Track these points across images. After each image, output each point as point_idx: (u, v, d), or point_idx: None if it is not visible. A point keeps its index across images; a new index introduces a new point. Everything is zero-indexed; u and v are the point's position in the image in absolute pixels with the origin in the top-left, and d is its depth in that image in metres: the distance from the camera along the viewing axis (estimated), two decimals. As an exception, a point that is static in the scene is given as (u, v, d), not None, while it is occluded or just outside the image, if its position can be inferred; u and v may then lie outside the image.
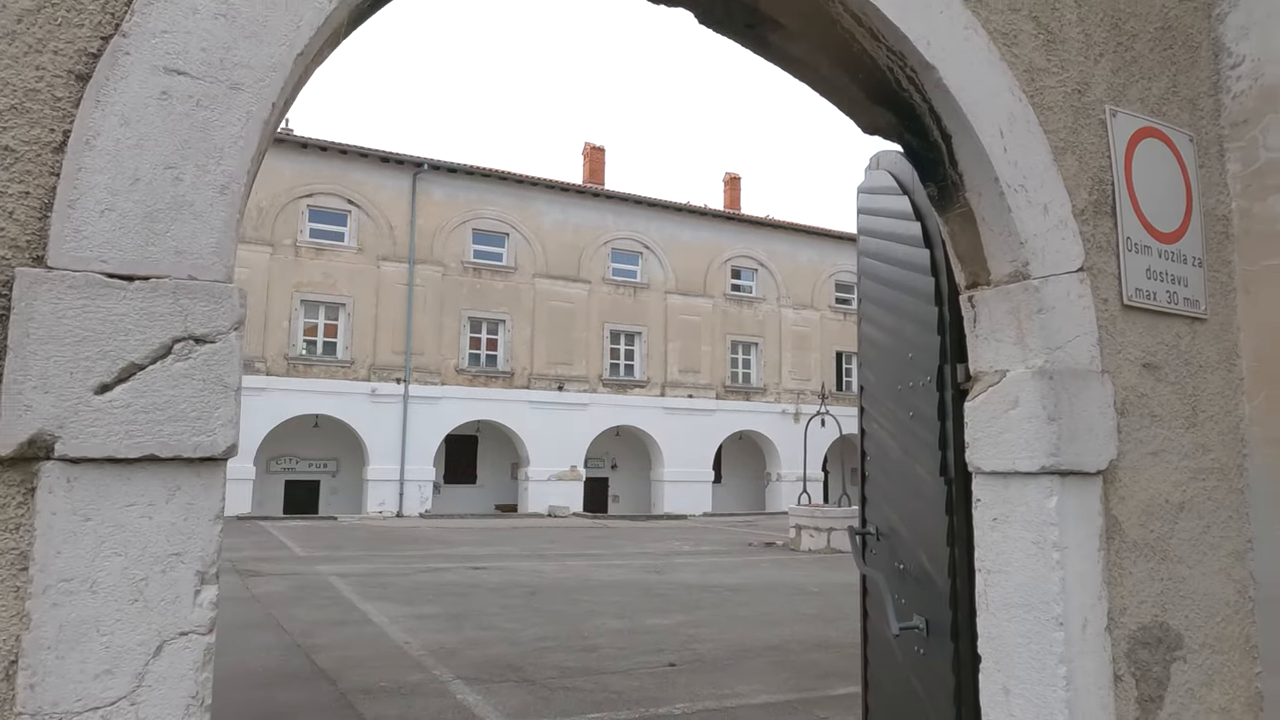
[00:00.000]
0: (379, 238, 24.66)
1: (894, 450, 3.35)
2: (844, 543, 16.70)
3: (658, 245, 28.93)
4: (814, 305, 31.86)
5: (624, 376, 28.06)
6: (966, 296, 2.64)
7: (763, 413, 30.26)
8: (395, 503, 24.06)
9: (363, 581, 11.11)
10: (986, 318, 2.57)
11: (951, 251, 2.67)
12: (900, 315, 3.30)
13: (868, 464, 3.76)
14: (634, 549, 17.00)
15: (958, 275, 2.69)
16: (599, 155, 30.79)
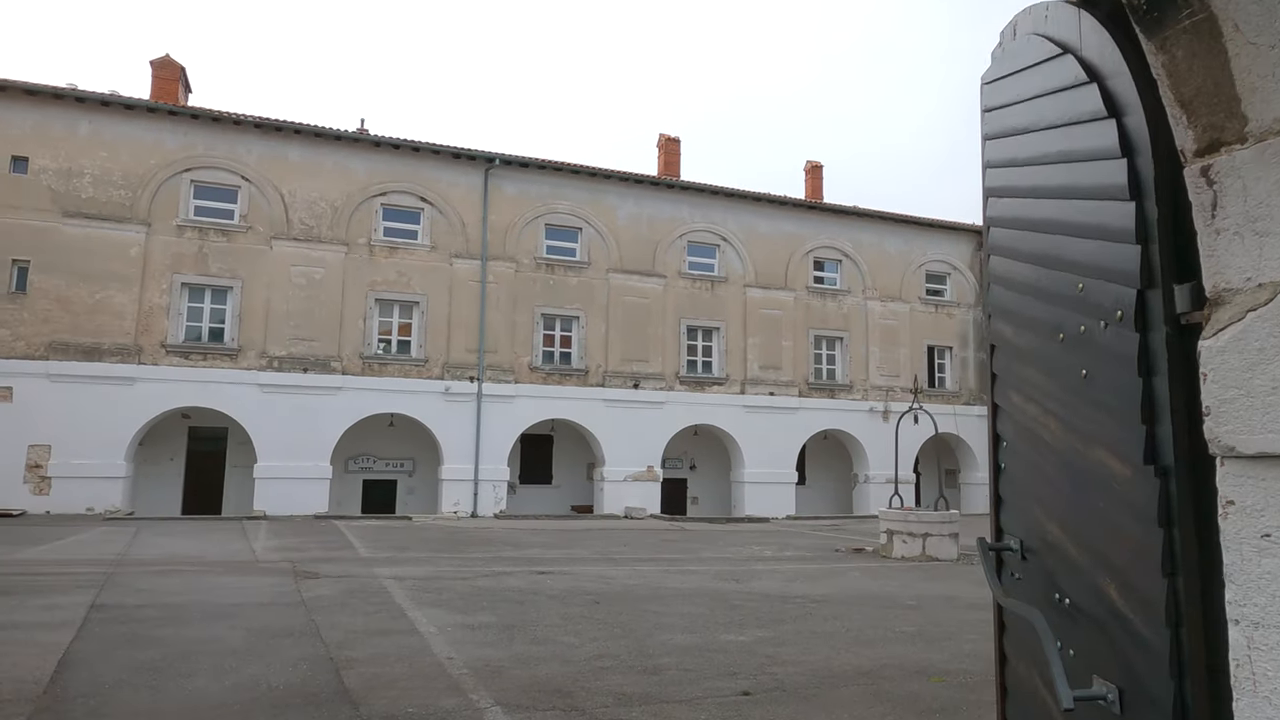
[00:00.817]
0: (452, 235, 24.40)
1: (1050, 430, 2.31)
2: (941, 550, 15.34)
3: (735, 237, 27.83)
4: (903, 297, 30.15)
5: (701, 374, 27.07)
6: (1198, 168, 1.62)
7: (849, 410, 28.76)
8: (470, 503, 23.72)
9: (419, 586, 10.50)
10: (1239, 197, 1.55)
11: (1171, 97, 1.65)
12: (1059, 233, 2.27)
13: (1004, 452, 2.73)
14: (711, 554, 16.01)
15: (1180, 138, 1.66)
16: (674, 147, 29.88)
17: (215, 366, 21.89)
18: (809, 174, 32.20)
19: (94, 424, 20.36)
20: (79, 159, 21.10)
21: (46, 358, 20.37)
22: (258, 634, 7.28)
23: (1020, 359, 2.54)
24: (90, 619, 7.65)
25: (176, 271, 21.74)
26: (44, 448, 20.11)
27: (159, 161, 21.81)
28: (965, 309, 31.16)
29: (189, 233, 21.93)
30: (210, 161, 22.32)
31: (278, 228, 22.68)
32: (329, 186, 23.26)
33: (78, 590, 9.15)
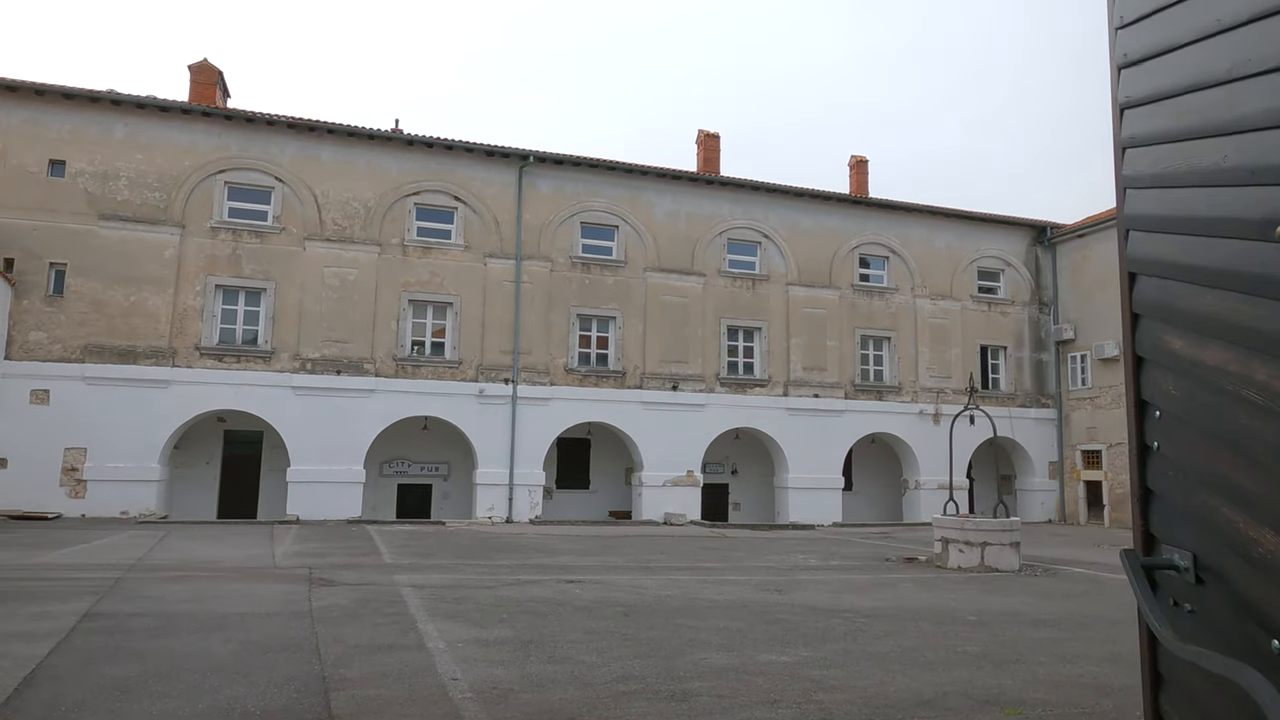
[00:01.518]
0: (485, 234, 23.93)
1: (1246, 400, 1.49)
2: (1001, 560, 14.25)
3: (777, 234, 26.90)
4: (953, 295, 28.86)
5: (743, 375, 26.16)
6: None
7: (898, 413, 27.56)
8: (505, 508, 23.15)
9: (438, 595, 9.85)
10: None
11: None
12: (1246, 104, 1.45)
13: (1154, 426, 1.91)
14: (753, 562, 15.13)
15: None
16: (713, 143, 29.09)
17: (249, 369, 21.68)
18: (853, 169, 31.11)
19: (129, 427, 20.25)
20: (115, 162, 21.09)
21: (83, 360, 20.34)
22: (251, 648, 6.66)
23: (1182, 304, 1.72)
24: (77, 629, 7.12)
25: (210, 273, 21.60)
26: (80, 450, 20.05)
27: (193, 163, 21.72)
28: (1020, 307, 29.74)
29: (223, 234, 21.79)
30: (244, 163, 22.17)
31: (311, 228, 22.43)
32: (362, 186, 22.96)
33: (76, 597, 8.67)
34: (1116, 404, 27.24)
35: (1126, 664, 7.54)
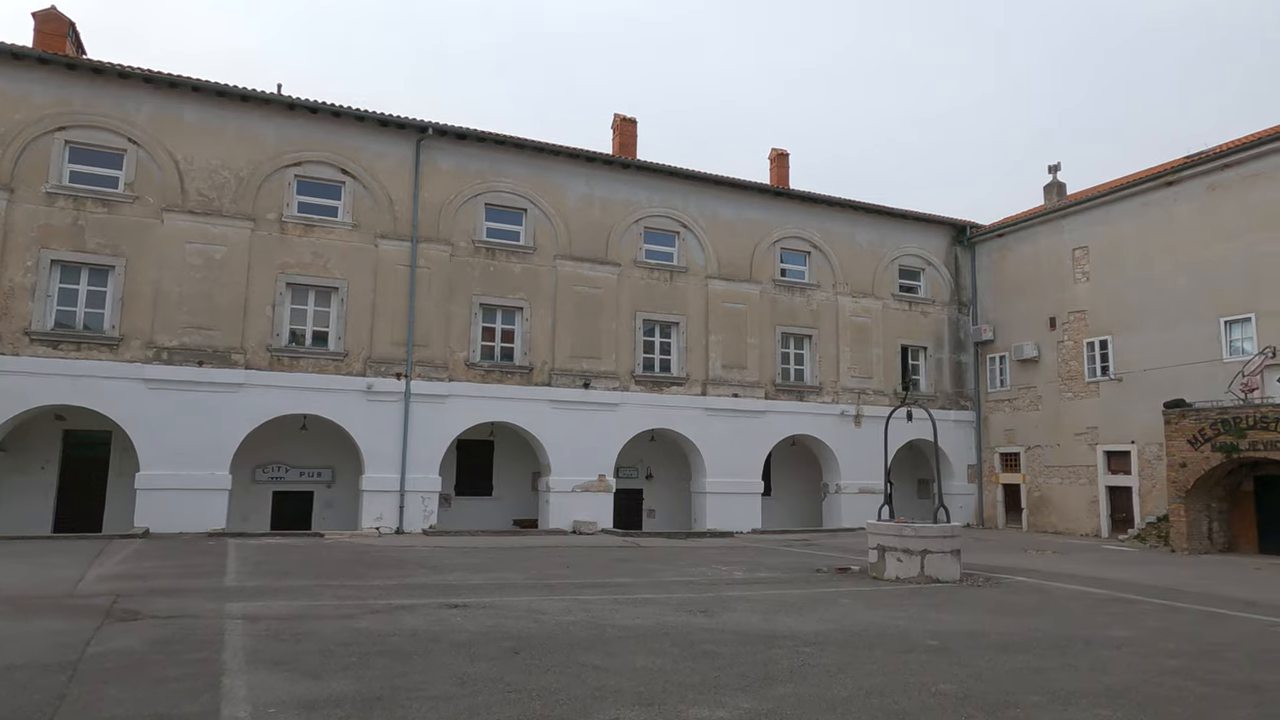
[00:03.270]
0: (377, 213, 21.51)
1: None
2: (943, 570, 12.94)
3: (696, 224, 25.39)
4: (875, 294, 28.00)
5: (659, 373, 24.49)
6: None
7: (819, 414, 26.42)
8: (395, 517, 20.75)
9: (275, 630, 7.68)
10: None
11: None
12: None
13: None
14: (672, 576, 13.39)
15: None
16: (630, 128, 27.41)
17: (91, 358, 18.65)
18: (774, 163, 29.95)
19: (-65, 425, 17.00)
20: (-76, 111, 17.81)
21: (-124, 345, 16.97)
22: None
23: None
24: None
25: (45, 246, 18.49)
26: None
27: (26, 117, 18.59)
28: (940, 307, 29.15)
29: (61, 201, 18.71)
30: (90, 120, 19.15)
31: (170, 198, 19.57)
32: (233, 153, 20.22)
33: None
34: (1034, 406, 26.85)
35: (1132, 703, 6.09)
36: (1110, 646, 8.40)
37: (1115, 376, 24.30)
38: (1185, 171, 22.80)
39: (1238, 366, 20.89)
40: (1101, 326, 24.87)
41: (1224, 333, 21.69)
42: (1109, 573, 15.38)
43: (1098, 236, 25.22)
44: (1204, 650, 8.33)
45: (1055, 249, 26.55)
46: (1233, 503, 20.94)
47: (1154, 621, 10.07)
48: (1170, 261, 22.97)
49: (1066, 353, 25.90)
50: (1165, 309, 23.02)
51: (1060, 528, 25.61)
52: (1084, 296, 25.51)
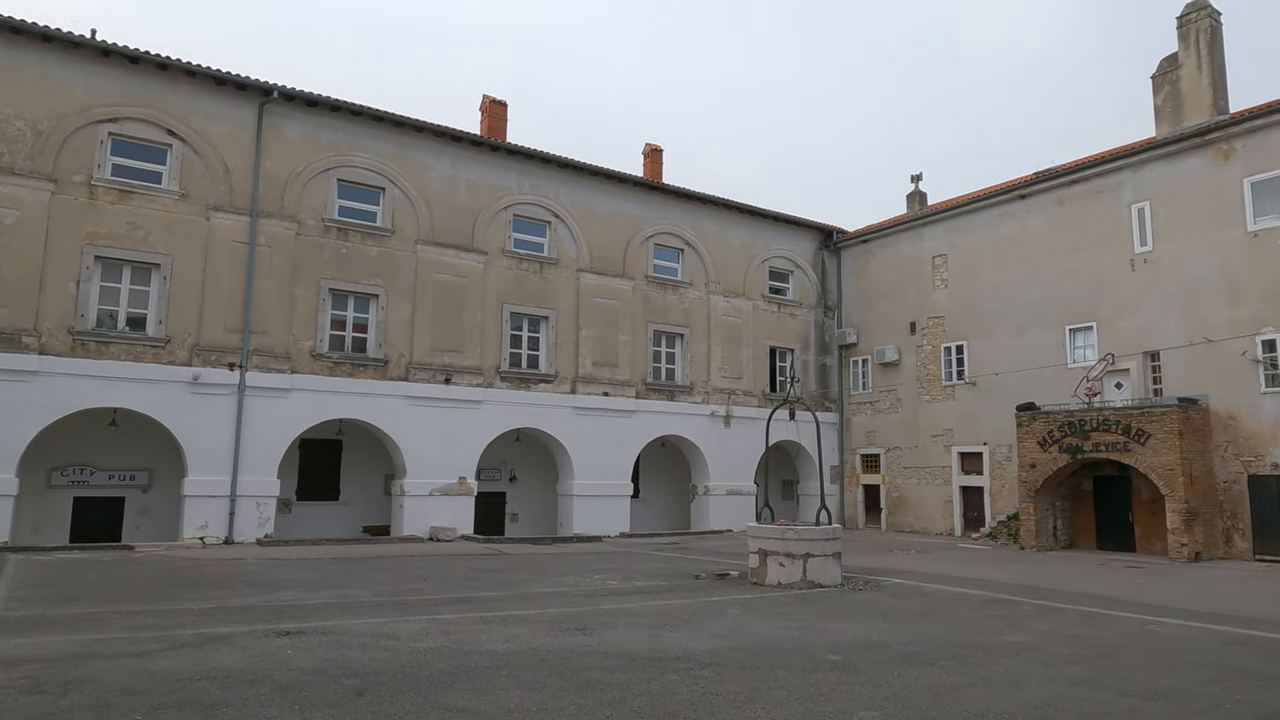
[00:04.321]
0: (211, 182, 19.04)
1: None
2: (825, 574, 12.47)
3: (569, 215, 24.28)
4: (746, 294, 27.88)
5: (527, 369, 23.17)
6: None
7: (689, 415, 25.93)
8: (224, 525, 18.36)
9: (34, 679, 5.94)
10: None
11: None
12: None
13: None
14: (542, 588, 12.20)
15: None
16: (499, 111, 25.94)
17: None
18: (648, 158, 29.35)
19: None
20: None
21: None
22: None
23: None
24: None
25: None
26: None
27: None
28: (807, 310, 29.44)
29: None
30: None
31: (-55, 150, 16.43)
32: (30, 101, 17.25)
33: None
34: (895, 408, 27.52)
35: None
36: (1010, 654, 8.01)
37: (970, 380, 25.21)
38: (1036, 186, 23.92)
39: (1081, 372, 22.01)
40: (958, 332, 25.76)
41: (1069, 340, 22.85)
42: (976, 572, 15.53)
43: (956, 245, 26.12)
44: (1098, 654, 8.08)
45: (916, 256, 27.34)
46: (1074, 501, 22.05)
47: (1038, 624, 9.88)
48: (1022, 271, 24.03)
49: (925, 357, 26.69)
50: (1017, 316, 24.05)
51: (916, 527, 26.32)
52: (942, 303, 26.36)
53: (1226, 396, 19.44)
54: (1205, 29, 21.14)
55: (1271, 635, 9.41)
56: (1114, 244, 21.95)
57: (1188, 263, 20.37)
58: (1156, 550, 19.93)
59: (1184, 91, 21.39)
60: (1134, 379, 21.24)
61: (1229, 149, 19.88)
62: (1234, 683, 7.01)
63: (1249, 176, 19.44)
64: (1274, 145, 19.11)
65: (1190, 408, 19.22)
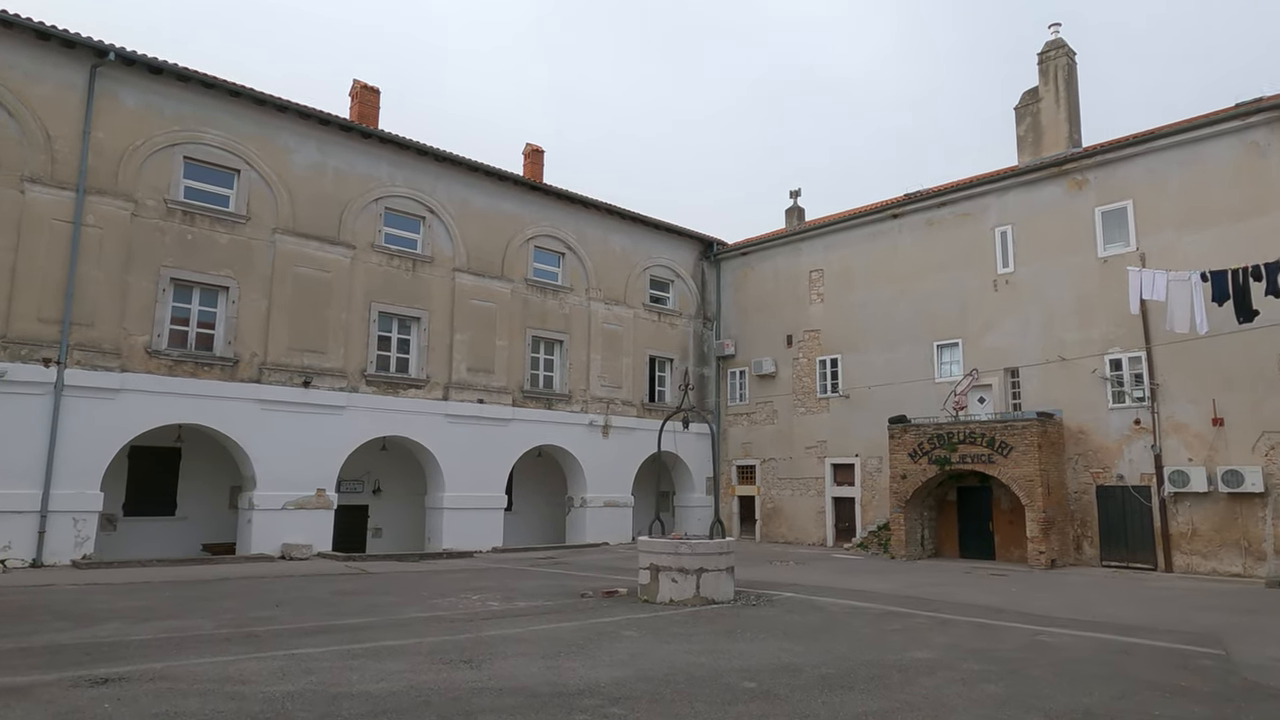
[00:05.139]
0: (28, 150, 16.56)
1: None
2: (718, 590, 11.98)
3: (445, 211, 22.98)
4: (627, 302, 27.39)
5: (396, 373, 21.63)
6: None
7: (567, 424, 25.09)
8: (31, 545, 15.86)
9: None
10: None
11: None
12: None
13: None
14: (415, 611, 11.03)
15: None
16: (372, 98, 24.27)
17: None
18: (529, 158, 28.42)
19: None
20: None
21: None
22: None
23: None
24: None
25: None
26: None
27: None
28: (687, 320, 29.31)
29: None
30: None
31: None
32: None
33: None
34: (771, 420, 27.75)
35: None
36: (924, 672, 7.70)
37: (844, 393, 25.73)
38: (908, 207, 24.77)
39: (947, 386, 22.86)
40: (833, 345, 26.28)
41: (936, 355, 23.70)
42: (859, 583, 15.53)
43: (832, 261, 26.69)
44: (1008, 670, 7.91)
45: (794, 270, 27.75)
46: (940, 511, 22.81)
47: (937, 637, 9.73)
48: (894, 288, 24.78)
49: (801, 369, 27.07)
50: (888, 331, 24.77)
51: (790, 537, 26.56)
52: (818, 316, 26.85)
53: (1078, 412, 20.62)
54: (1063, 66, 22.58)
55: (1146, 641, 9.64)
56: (979, 265, 22.97)
57: (1045, 285, 21.54)
58: (1014, 558, 20.84)
59: (1043, 123, 22.74)
60: (995, 394, 22.23)
61: (1082, 179, 21.20)
62: (1144, 696, 6.95)
63: (1100, 206, 20.79)
64: (1121, 178, 20.52)
65: (1047, 422, 20.24)
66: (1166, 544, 18.88)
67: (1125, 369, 19.94)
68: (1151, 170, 19.97)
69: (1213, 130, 19.07)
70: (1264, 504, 17.70)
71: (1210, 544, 18.35)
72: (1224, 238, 18.40)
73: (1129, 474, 19.66)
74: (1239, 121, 18.72)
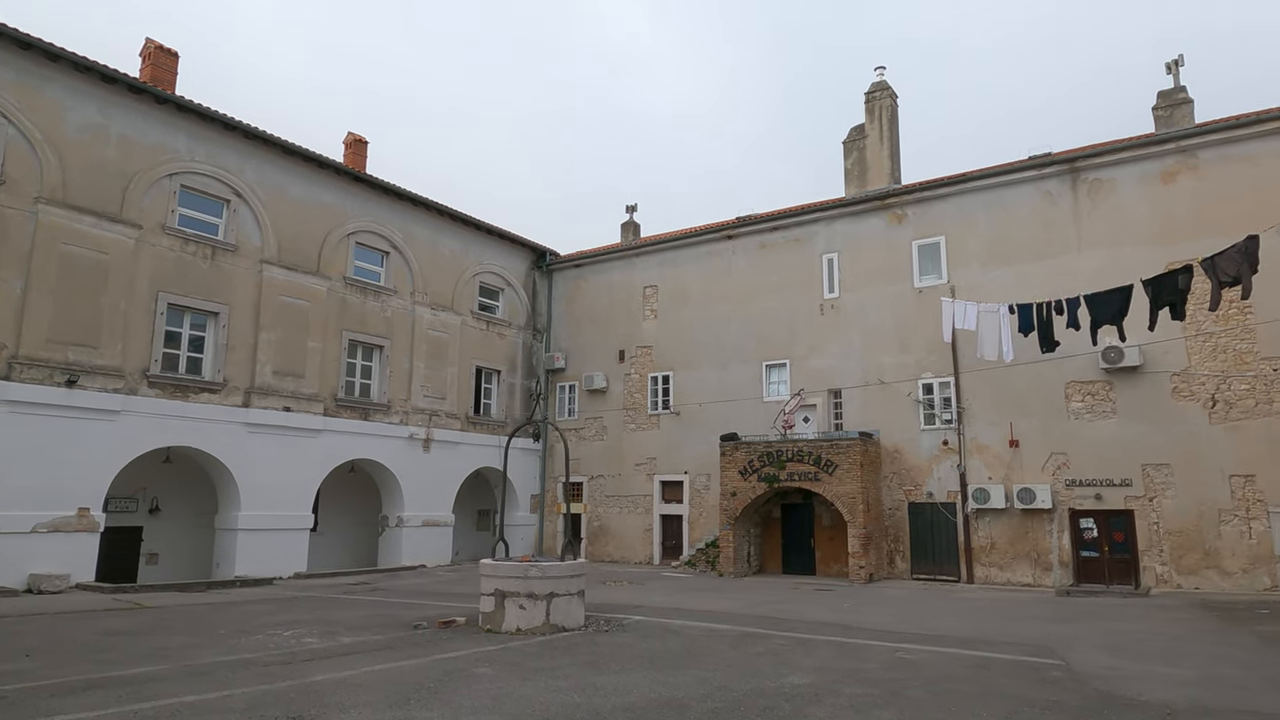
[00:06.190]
0: None
1: None
2: (569, 616, 11.14)
3: (255, 195, 20.52)
4: (454, 308, 25.88)
5: (186, 374, 18.87)
6: None
7: (386, 436, 23.13)
8: None
9: None
10: None
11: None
12: None
13: None
14: (215, 654, 9.23)
15: None
16: (167, 60, 21.23)
17: None
18: (350, 149, 26.11)
19: None
20: None
21: None
22: None
23: None
24: None
25: None
26: None
27: None
28: (516, 331, 28.20)
29: None
30: None
31: None
32: None
33: None
34: (600, 436, 27.21)
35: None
36: (810, 700, 7.29)
37: (674, 410, 25.72)
38: (742, 229, 25.30)
39: (775, 406, 23.42)
40: (665, 362, 26.24)
41: (765, 375, 24.25)
42: (702, 603, 15.22)
43: (667, 278, 26.73)
44: (889, 691, 7.69)
45: (628, 285, 27.52)
46: (765, 528, 23.24)
47: (804, 659, 9.45)
48: (727, 307, 25.16)
49: (633, 385, 26.80)
50: (720, 350, 25.07)
51: (616, 556, 26.07)
52: (651, 333, 26.74)
53: (894, 432, 21.77)
54: (887, 107, 24.04)
55: (992, 655, 9.91)
56: (807, 289, 23.81)
57: (868, 311, 22.65)
58: (834, 573, 21.57)
59: (869, 159, 24.06)
60: (819, 414, 23.04)
61: (902, 214, 22.58)
62: (1027, 714, 6.91)
63: (917, 240, 22.20)
64: (935, 215, 22.04)
65: (868, 441, 21.18)
66: (969, 557, 20.26)
67: (936, 393, 21.31)
68: (962, 210, 21.61)
69: (1014, 178, 20.95)
70: (1051, 519, 19.43)
71: (1006, 556, 19.88)
72: (1024, 275, 20.19)
73: (937, 491, 20.96)
74: (1035, 172, 20.68)
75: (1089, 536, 19.11)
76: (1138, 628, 12.42)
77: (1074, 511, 19.26)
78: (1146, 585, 18.16)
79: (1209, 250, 16.10)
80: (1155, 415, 18.53)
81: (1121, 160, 19.70)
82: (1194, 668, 9.18)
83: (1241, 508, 17.48)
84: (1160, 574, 18.14)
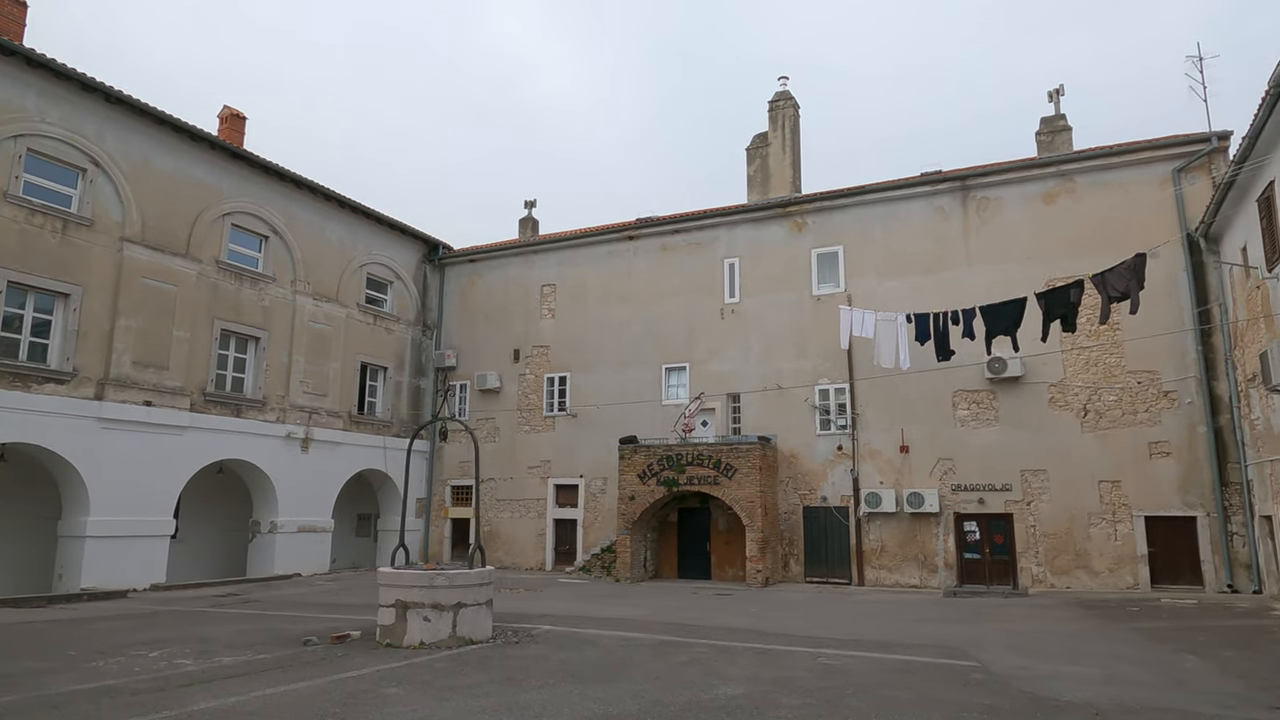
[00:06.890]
0: None
1: None
2: (477, 627, 10.45)
3: (116, 165, 18.50)
4: (340, 300, 24.32)
5: (28, 361, 16.73)
6: None
7: (260, 435, 21.38)
8: None
9: None
10: None
11: None
12: None
13: None
14: (71, 680, 7.98)
15: None
16: (15, 12, 18.85)
17: None
18: (226, 124, 24.11)
19: None
20: None
21: None
22: None
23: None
24: None
25: None
26: None
27: None
28: (405, 326, 26.84)
29: None
30: None
31: None
32: None
33: None
34: (492, 437, 26.25)
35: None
36: (751, 713, 6.96)
37: (571, 412, 25.13)
38: (643, 230, 25.05)
39: (674, 409, 23.26)
40: (562, 363, 25.62)
41: (664, 378, 24.06)
42: (608, 610, 14.74)
43: (566, 277, 26.12)
44: (826, 701, 7.47)
45: (525, 283, 26.74)
46: (661, 533, 23.01)
47: (730, 668, 9.15)
48: (627, 309, 24.82)
49: (528, 386, 26.03)
50: (619, 352, 24.69)
51: (507, 562, 25.19)
52: (548, 332, 26.06)
53: (791, 437, 22.02)
54: (790, 116, 24.40)
55: (911, 658, 9.94)
56: (708, 293, 23.80)
57: (767, 317, 22.86)
58: (730, 577, 21.58)
59: (771, 166, 24.34)
60: (718, 418, 23.04)
61: (802, 222, 22.93)
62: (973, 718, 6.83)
63: (816, 248, 22.59)
64: (833, 225, 22.51)
65: (766, 445, 21.32)
66: (860, 560, 20.71)
67: (831, 399, 21.71)
68: (861, 221, 22.15)
69: (909, 192, 21.66)
70: (938, 522, 20.13)
71: (895, 559, 20.44)
72: (917, 287, 20.86)
73: (831, 496, 21.34)
74: (929, 187, 21.46)
75: (972, 539, 19.90)
76: (1031, 627, 12.86)
77: (959, 515, 20.02)
78: (1024, 585, 19.07)
79: (1086, 268, 17.11)
80: (1034, 423, 19.52)
81: (1008, 180, 20.71)
82: (1096, 666, 9.48)
83: (1109, 511, 18.64)
84: (1036, 574, 19.09)
